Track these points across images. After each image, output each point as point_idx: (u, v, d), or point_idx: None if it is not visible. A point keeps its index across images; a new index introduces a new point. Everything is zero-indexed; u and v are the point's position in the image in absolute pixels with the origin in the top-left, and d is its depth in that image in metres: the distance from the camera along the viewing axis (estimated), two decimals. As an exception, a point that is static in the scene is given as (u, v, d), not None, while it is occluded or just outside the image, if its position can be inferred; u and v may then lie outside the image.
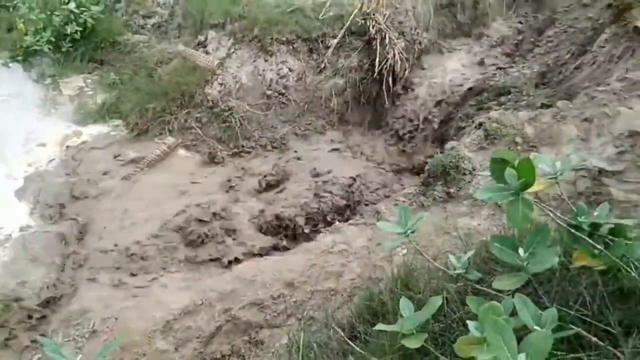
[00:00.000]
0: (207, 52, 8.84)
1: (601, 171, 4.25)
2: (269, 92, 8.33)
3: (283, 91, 8.38)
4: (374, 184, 6.70)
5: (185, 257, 5.46)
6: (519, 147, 4.80)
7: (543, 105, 5.84)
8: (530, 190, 2.20)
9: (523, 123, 5.01)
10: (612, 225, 2.26)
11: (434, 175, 4.84)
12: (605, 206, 2.36)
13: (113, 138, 7.72)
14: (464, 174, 4.72)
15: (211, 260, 5.42)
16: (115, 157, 7.26)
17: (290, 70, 8.59)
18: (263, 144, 7.75)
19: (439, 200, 4.63)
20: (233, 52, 8.72)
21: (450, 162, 4.77)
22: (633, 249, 2.23)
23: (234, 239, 5.64)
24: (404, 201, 4.78)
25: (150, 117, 7.79)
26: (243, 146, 7.63)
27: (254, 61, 8.62)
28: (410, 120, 7.86)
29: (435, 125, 7.48)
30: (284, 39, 8.67)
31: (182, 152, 7.42)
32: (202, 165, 7.20)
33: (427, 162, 5.09)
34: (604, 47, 6.24)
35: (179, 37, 9.82)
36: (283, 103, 8.30)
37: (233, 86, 8.30)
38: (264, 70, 8.52)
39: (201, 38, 9.14)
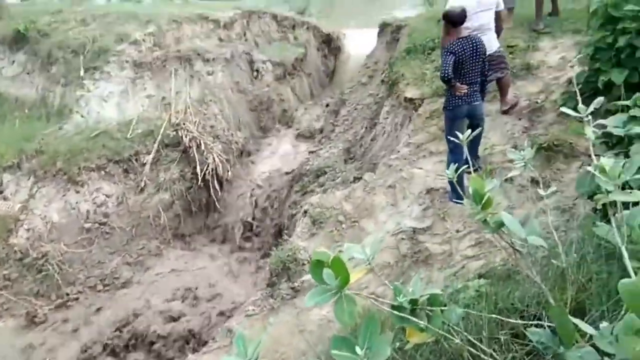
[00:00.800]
0: (4, 198, 7.88)
1: (415, 230, 4.76)
2: (87, 226, 7.69)
3: (104, 220, 7.81)
4: (223, 297, 6.50)
5: None
6: (343, 225, 5.15)
7: (355, 179, 6.42)
8: (351, 281, 2.34)
9: (341, 202, 5.42)
10: (428, 296, 2.50)
11: (276, 273, 4.88)
12: (417, 280, 2.61)
13: None
14: (303, 264, 4.85)
15: None
16: None
17: (107, 196, 8.10)
18: (92, 285, 6.98)
19: (287, 298, 4.65)
20: (36, 191, 7.93)
21: (287, 256, 4.88)
22: (449, 315, 2.49)
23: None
24: (253, 309, 4.68)
25: (-59, 292, 6.52)
26: (68, 294, 6.76)
27: (64, 196, 7.95)
28: (243, 221, 7.95)
29: (268, 219, 7.68)
30: (93, 165, 8.22)
31: (-9, 323, 6.28)
32: (20, 331, 6.14)
33: (266, 262, 5.13)
34: (387, 117, 7.23)
35: (-34, 188, 8.62)
36: (107, 233, 7.70)
37: (43, 229, 7.47)
38: (77, 203, 7.89)
39: (-6, 185, 8.15)
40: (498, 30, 5.59)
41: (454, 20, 4.65)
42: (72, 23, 10.69)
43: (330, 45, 12.26)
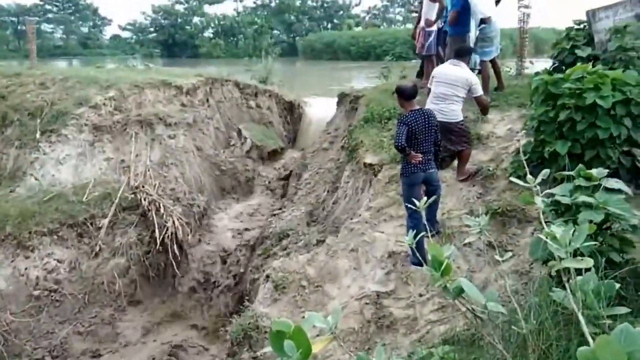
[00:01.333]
0: (-55, 265, 7.39)
1: (379, 294, 4.78)
2: (36, 293, 7.26)
3: (55, 287, 7.41)
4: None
5: None
6: (306, 290, 5.11)
7: (318, 242, 6.46)
8: (314, 351, 2.32)
9: (304, 266, 5.41)
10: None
11: (237, 342, 4.73)
12: (380, 349, 2.63)
13: None
14: (266, 332, 4.73)
15: None
16: None
17: (59, 261, 7.74)
18: (39, 357, 6.52)
19: (248, 368, 4.50)
20: (-19, 258, 7.49)
21: (249, 324, 4.76)
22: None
23: None
24: (213, 382, 4.49)
25: None
26: (11, 368, 6.30)
27: (12, 261, 7.52)
28: (203, 286, 7.74)
29: (230, 285, 7.52)
30: (45, 229, 7.88)
31: None
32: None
33: (227, 331, 4.98)
34: (348, 182, 7.42)
35: None
36: (57, 300, 7.29)
37: (-13, 297, 6.99)
38: (26, 269, 7.47)
39: None
40: (483, 113, 6.13)
41: (405, 94, 4.97)
42: (30, 86, 10.58)
43: (292, 111, 12.69)
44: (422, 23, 8.19)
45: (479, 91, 5.77)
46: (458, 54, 5.96)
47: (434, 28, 8.06)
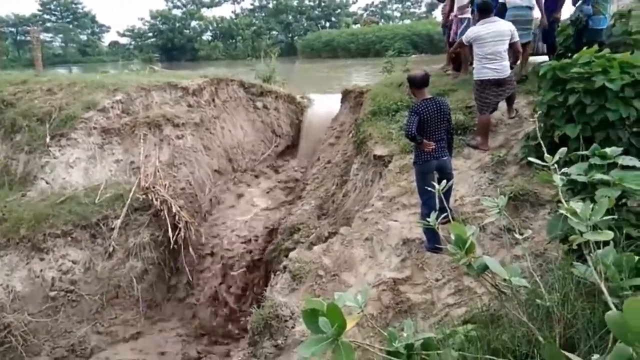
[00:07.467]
0: (-38, 269, 7.48)
1: (395, 280, 4.85)
2: (52, 294, 7.36)
3: (71, 287, 7.50)
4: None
5: None
6: (323, 279, 5.19)
7: (330, 235, 6.53)
8: (348, 327, 2.39)
9: (320, 256, 5.49)
10: (422, 340, 2.58)
11: (258, 332, 4.80)
12: (409, 323, 2.70)
13: None
14: (286, 320, 4.81)
15: None
16: None
17: (73, 262, 7.83)
18: (59, 356, 6.61)
19: (270, 357, 4.57)
20: (-2, 260, 7.59)
21: (269, 313, 4.83)
22: (445, 358, 2.57)
23: None
24: (236, 371, 4.57)
25: None
26: (32, 367, 6.39)
27: (27, 264, 7.62)
28: (216, 285, 7.82)
29: (246, 277, 7.59)
30: (59, 231, 7.97)
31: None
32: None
33: (246, 321, 5.05)
34: (357, 174, 7.49)
35: None
36: (74, 301, 7.38)
37: (6, 299, 7.08)
38: (41, 271, 7.57)
39: (-47, 254, 7.75)
40: (516, 60, 6.45)
41: (416, 83, 5.00)
42: (37, 92, 10.65)
43: (296, 110, 12.76)
44: (455, 11, 8.22)
45: (516, 37, 6.12)
46: (486, 11, 6.11)
47: (467, 15, 8.07)
